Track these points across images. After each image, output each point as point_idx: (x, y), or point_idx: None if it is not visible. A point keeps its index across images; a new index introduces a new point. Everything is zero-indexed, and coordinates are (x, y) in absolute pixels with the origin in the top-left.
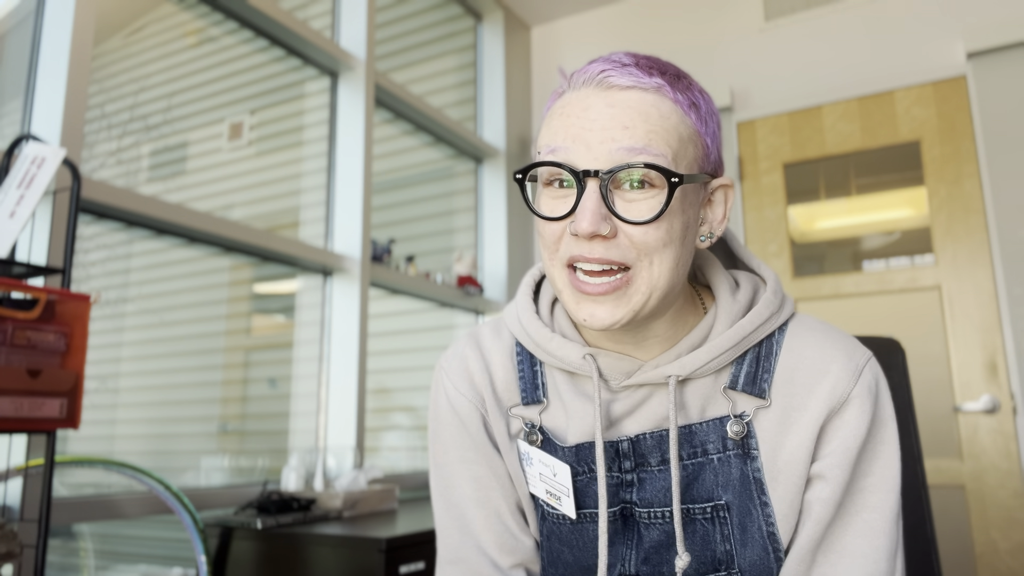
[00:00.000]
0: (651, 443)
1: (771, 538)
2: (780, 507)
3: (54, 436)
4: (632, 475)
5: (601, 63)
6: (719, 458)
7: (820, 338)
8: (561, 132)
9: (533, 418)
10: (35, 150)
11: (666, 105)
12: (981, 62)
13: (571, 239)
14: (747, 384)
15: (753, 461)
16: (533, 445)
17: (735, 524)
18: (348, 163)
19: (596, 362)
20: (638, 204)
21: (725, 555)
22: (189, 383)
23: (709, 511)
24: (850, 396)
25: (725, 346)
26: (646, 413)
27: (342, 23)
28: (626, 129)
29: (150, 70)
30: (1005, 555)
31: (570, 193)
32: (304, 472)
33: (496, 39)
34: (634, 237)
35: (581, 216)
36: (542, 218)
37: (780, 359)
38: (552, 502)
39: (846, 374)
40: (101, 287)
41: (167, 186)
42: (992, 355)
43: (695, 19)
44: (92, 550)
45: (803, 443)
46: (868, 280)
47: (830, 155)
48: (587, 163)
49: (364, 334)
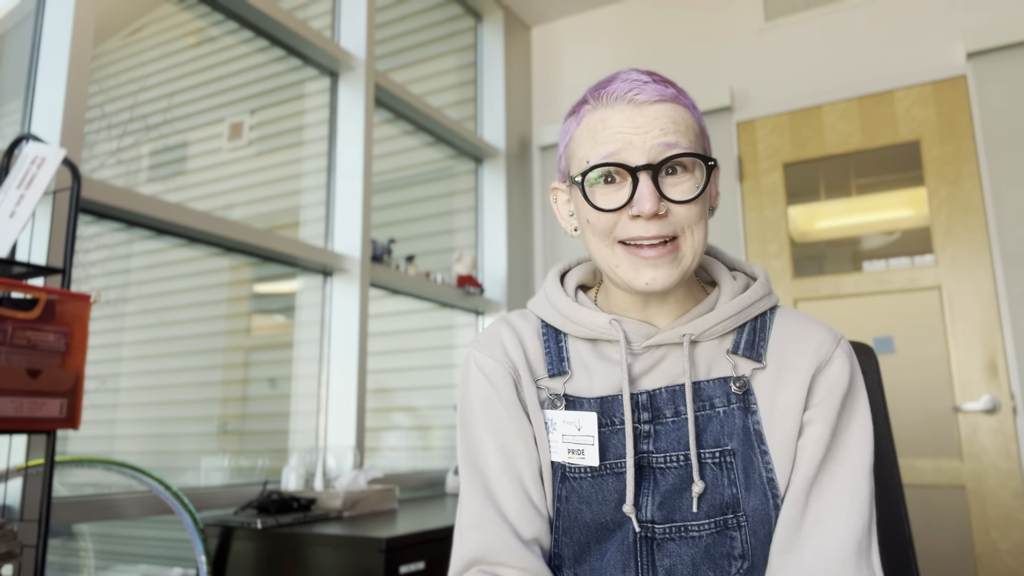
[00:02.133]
0: (666, 396)
1: (770, 484)
2: (777, 454)
3: (54, 436)
4: (649, 426)
5: (627, 83)
6: (724, 411)
7: (804, 318)
8: (611, 140)
9: (557, 388)
10: (35, 150)
11: (681, 110)
12: (981, 62)
13: (627, 223)
14: (746, 349)
15: (753, 415)
16: (557, 409)
17: (740, 469)
18: (348, 163)
19: (622, 326)
20: (680, 187)
21: (732, 499)
22: (189, 383)
23: (718, 456)
24: (833, 355)
25: (730, 312)
26: (661, 371)
27: (342, 23)
28: (663, 131)
29: (150, 70)
30: (1005, 555)
31: (622, 187)
32: (304, 472)
33: (496, 39)
34: (679, 214)
35: (643, 200)
36: (603, 210)
37: (773, 332)
38: (574, 459)
39: (829, 339)
40: (101, 287)
41: (167, 186)
42: (992, 355)
43: (695, 19)
44: (92, 550)
45: (795, 395)
46: (868, 280)
47: (830, 155)
48: (639, 161)
49: (364, 334)
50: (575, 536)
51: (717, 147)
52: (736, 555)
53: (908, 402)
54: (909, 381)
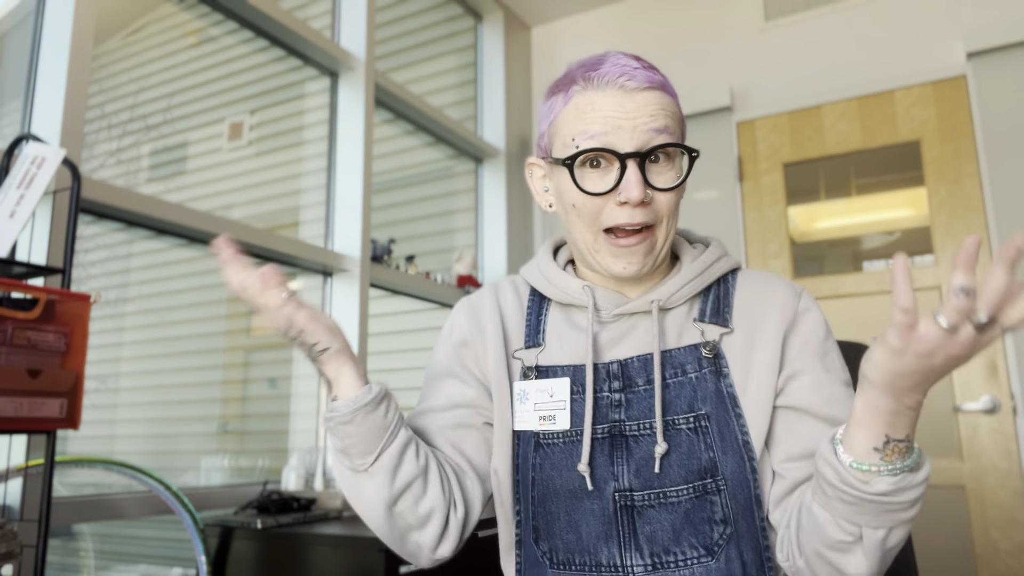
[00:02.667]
0: (637, 365)
1: (746, 447)
2: (751, 415)
3: (54, 436)
4: (620, 395)
5: (617, 68)
6: (696, 376)
7: (764, 277)
8: (598, 123)
9: (530, 360)
10: (35, 150)
11: (668, 98)
12: (981, 62)
13: (613, 209)
14: (712, 316)
15: (725, 378)
16: (529, 379)
17: (715, 433)
18: (348, 163)
19: (593, 293)
20: (664, 175)
21: (710, 463)
22: (189, 383)
23: (692, 420)
24: (799, 308)
25: (691, 275)
26: (633, 340)
27: (342, 23)
28: (652, 117)
29: (150, 70)
30: (1005, 555)
31: (608, 172)
32: (304, 472)
33: (496, 39)
34: (661, 201)
35: (630, 187)
36: (590, 194)
37: (736, 297)
38: (546, 425)
39: (790, 294)
40: (101, 287)
41: (167, 186)
42: (992, 355)
43: (695, 19)
44: (92, 550)
45: (767, 355)
46: (868, 280)
47: (830, 155)
48: (627, 147)
49: (364, 334)
50: (549, 506)
51: (717, 147)
52: (718, 520)
53: None
54: None
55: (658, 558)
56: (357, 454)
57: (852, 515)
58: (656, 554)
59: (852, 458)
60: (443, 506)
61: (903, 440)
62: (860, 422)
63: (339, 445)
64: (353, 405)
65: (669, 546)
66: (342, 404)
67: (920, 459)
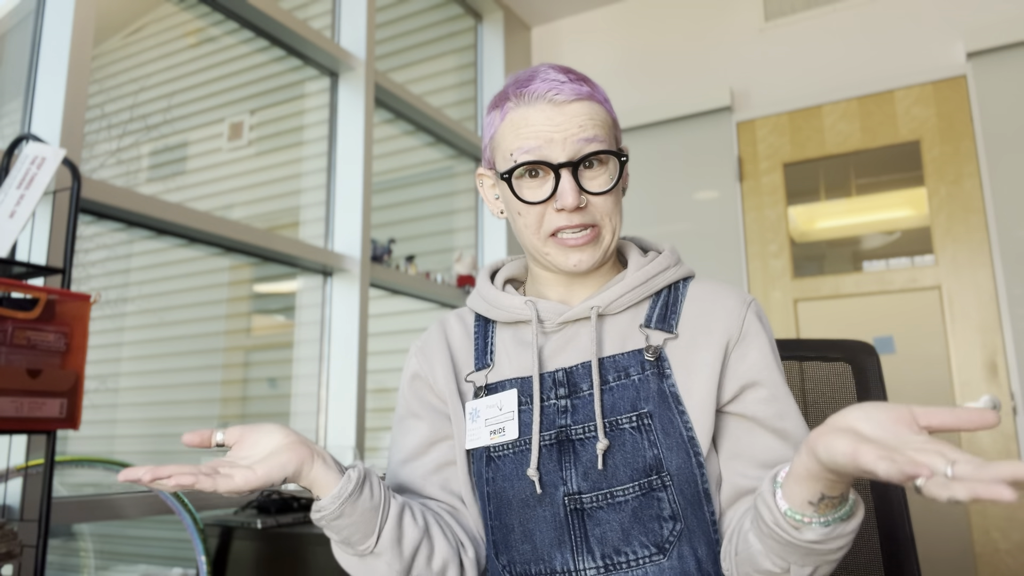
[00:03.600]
0: (582, 372)
1: (691, 442)
2: (695, 413)
3: (54, 436)
4: (566, 401)
5: (546, 83)
6: (639, 378)
7: (715, 286)
8: (532, 137)
9: (480, 380)
10: (35, 150)
11: (596, 106)
12: (981, 62)
13: (553, 215)
14: (659, 322)
15: (667, 379)
16: (480, 398)
17: (659, 430)
18: (348, 163)
19: (536, 306)
20: (597, 179)
21: (655, 460)
22: (189, 383)
23: (635, 419)
24: (746, 318)
25: (634, 284)
26: (577, 348)
27: (342, 23)
28: (581, 128)
29: (150, 70)
30: (1005, 555)
31: (545, 181)
32: None
33: (496, 39)
34: (598, 204)
35: (565, 195)
36: (530, 203)
37: (685, 304)
38: (496, 438)
39: (739, 304)
40: (101, 287)
41: (167, 186)
42: (992, 355)
43: (695, 19)
44: (92, 550)
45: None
46: (868, 280)
47: (830, 155)
48: (560, 157)
49: (364, 334)
50: (504, 519)
51: (717, 147)
52: (666, 516)
53: (908, 402)
54: (909, 381)
55: (609, 559)
56: (358, 540)
57: (783, 553)
58: (607, 555)
59: (788, 506)
60: (454, 554)
61: (837, 496)
62: (798, 479)
63: (338, 538)
64: (338, 500)
65: (620, 546)
66: (327, 502)
67: (853, 509)
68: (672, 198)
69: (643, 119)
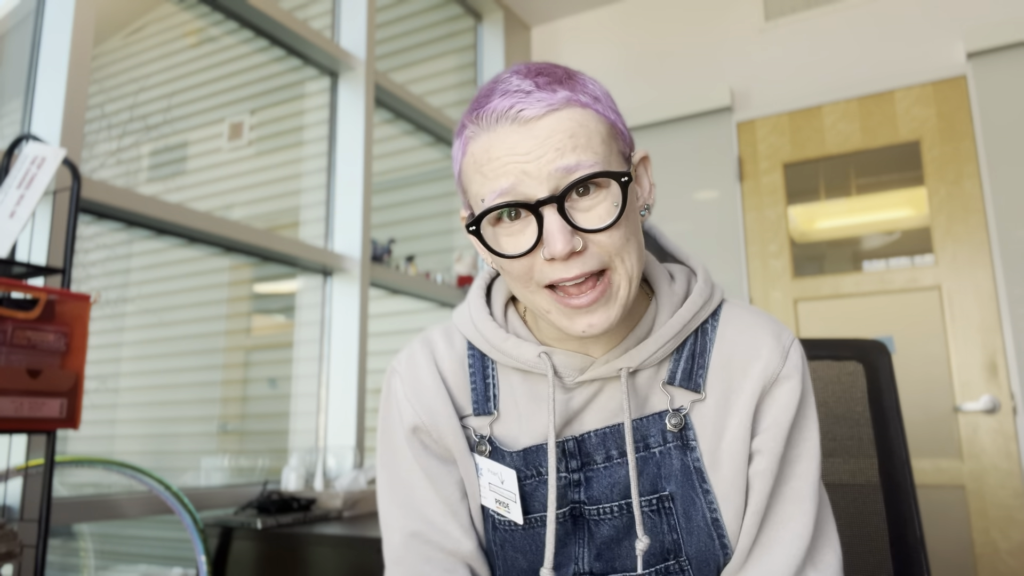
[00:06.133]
0: (595, 441)
1: (715, 524)
2: (722, 488)
3: (54, 436)
4: (579, 474)
5: (506, 98)
6: (660, 451)
7: (750, 323)
8: (502, 174)
9: (483, 429)
10: (35, 150)
11: (578, 113)
12: (981, 62)
13: (545, 265)
14: (683, 379)
15: (692, 452)
16: (482, 455)
17: (680, 513)
18: (348, 163)
19: (551, 360)
20: (594, 210)
21: (673, 544)
22: (189, 383)
23: (655, 503)
24: (780, 375)
25: (668, 335)
26: (597, 408)
27: (342, 23)
28: (559, 151)
29: (150, 70)
30: (1005, 555)
31: (527, 225)
32: (304, 472)
33: (496, 39)
34: (602, 242)
35: (553, 241)
36: (510, 257)
37: (714, 353)
38: (501, 510)
39: (776, 355)
40: (101, 287)
41: (167, 186)
42: (992, 355)
43: (695, 19)
44: (92, 550)
45: (743, 422)
46: (868, 280)
47: (830, 155)
48: (539, 192)
49: (364, 334)
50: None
51: (717, 147)
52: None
53: (908, 402)
54: (909, 381)
55: None
56: None
57: None
58: None
59: None
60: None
61: None
62: None
63: None
64: None
65: None
66: None
67: None
68: (672, 198)
69: (643, 119)
